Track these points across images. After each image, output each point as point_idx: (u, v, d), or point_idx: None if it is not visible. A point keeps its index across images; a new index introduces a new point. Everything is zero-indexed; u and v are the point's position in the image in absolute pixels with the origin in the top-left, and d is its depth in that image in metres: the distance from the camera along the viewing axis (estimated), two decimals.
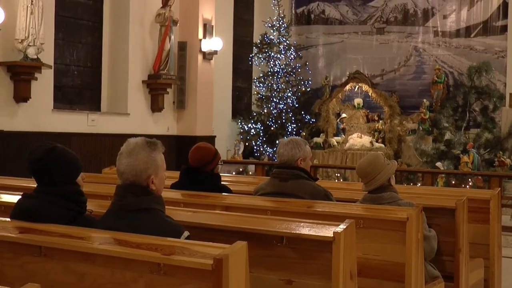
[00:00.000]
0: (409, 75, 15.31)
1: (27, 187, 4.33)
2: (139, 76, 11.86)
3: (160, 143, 3.19)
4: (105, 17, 11.72)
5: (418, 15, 15.29)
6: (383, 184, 4.49)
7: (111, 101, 11.75)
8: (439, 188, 9.90)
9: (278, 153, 4.80)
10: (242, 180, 7.39)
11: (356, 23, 15.95)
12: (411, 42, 15.33)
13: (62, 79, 11.02)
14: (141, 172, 3.07)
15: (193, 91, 12.54)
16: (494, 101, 13.79)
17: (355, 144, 14.09)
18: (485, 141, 13.14)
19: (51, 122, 10.16)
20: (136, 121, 11.67)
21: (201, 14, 12.57)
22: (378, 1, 15.69)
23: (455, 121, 13.87)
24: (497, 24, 14.43)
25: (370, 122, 14.81)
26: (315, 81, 15.68)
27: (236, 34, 14.94)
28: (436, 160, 12.86)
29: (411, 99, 14.91)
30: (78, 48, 11.39)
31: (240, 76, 15.38)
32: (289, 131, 14.42)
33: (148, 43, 11.98)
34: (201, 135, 12.23)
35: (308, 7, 16.35)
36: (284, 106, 14.57)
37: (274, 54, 14.81)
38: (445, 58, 14.94)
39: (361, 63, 15.66)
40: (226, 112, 14.46)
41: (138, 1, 11.74)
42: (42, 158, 3.19)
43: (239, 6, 15.18)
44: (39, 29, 9.41)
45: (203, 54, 12.62)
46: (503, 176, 11.35)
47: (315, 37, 16.28)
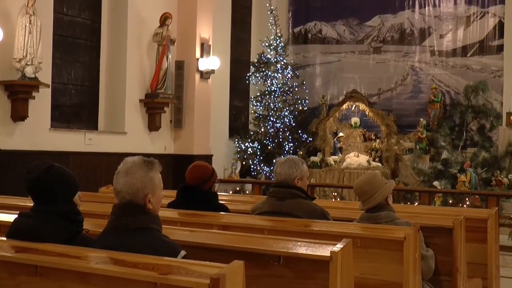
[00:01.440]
0: (406, 94, 15.34)
1: (24, 206, 4.32)
2: (137, 95, 11.88)
3: (157, 162, 3.19)
4: (103, 36, 11.76)
5: (414, 35, 15.36)
6: (380, 203, 4.49)
7: (108, 120, 11.75)
8: (437, 208, 9.89)
9: (275, 172, 4.80)
10: (239, 199, 7.38)
11: (353, 42, 16.01)
12: (408, 61, 15.38)
13: (60, 98, 11.03)
14: (138, 191, 3.06)
15: (190, 110, 12.56)
16: (491, 120, 13.81)
17: (352, 163, 14.08)
18: (482, 160, 13.14)
19: (48, 141, 10.15)
20: (133, 140, 11.67)
21: (198, 33, 12.62)
22: (375, 21, 15.77)
23: (452, 140, 13.88)
24: (493, 43, 14.50)
25: (367, 141, 14.81)
26: (312, 100, 15.71)
27: (234, 53, 14.98)
28: (433, 179, 12.85)
29: (408, 118, 14.92)
30: (76, 67, 11.41)
31: (237, 95, 15.41)
32: (286, 150, 14.42)
33: (146, 62, 12.01)
34: (198, 154, 12.23)
35: (305, 27, 16.42)
36: (281, 125, 14.58)
37: (271, 73, 14.85)
38: (441, 77, 14.99)
39: (358, 82, 15.69)
40: (223, 131, 14.47)
41: (135, 20, 11.79)
42: (39, 177, 3.18)
43: (236, 25, 15.24)
44: (37, 48, 9.44)
45: (200, 73, 12.65)
46: (501, 195, 11.35)
47: (312, 56, 16.33)
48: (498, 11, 14.43)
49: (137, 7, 11.83)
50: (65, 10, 11.14)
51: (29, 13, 9.35)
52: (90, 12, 11.62)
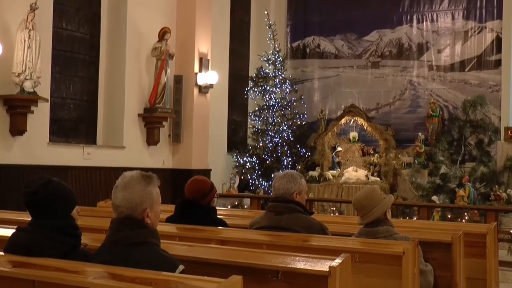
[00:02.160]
0: (404, 108, 15.36)
1: (22, 221, 4.31)
2: (135, 109, 11.89)
3: (155, 177, 3.19)
4: (102, 51, 11.78)
5: (412, 50, 15.40)
6: (379, 218, 4.48)
7: (107, 134, 11.75)
8: (435, 222, 9.88)
9: (274, 187, 4.80)
10: (237, 213, 7.37)
11: (351, 57, 16.05)
12: (406, 76, 15.41)
13: (58, 113, 11.04)
14: (136, 205, 3.06)
15: (189, 125, 12.57)
16: (489, 135, 13.83)
17: (350, 177, 14.08)
18: (480, 175, 13.13)
19: (46, 155, 10.14)
20: (131, 154, 11.67)
21: (197, 48, 12.65)
22: (373, 36, 15.82)
23: (450, 155, 13.88)
24: (491, 58, 14.54)
25: (365, 156, 14.81)
26: (311, 114, 15.73)
27: (232, 68, 15.01)
28: (432, 194, 12.84)
29: (407, 132, 14.93)
30: (75, 82, 11.43)
31: (236, 110, 15.43)
32: (285, 164, 14.41)
33: (144, 77, 12.03)
34: (196, 169, 12.23)
35: (303, 41, 16.47)
36: (279, 140, 14.59)
37: (269, 88, 14.88)
38: (440, 92, 15.01)
39: (356, 96, 15.72)
40: (222, 146, 14.47)
41: (134, 35, 11.83)
42: (37, 191, 3.18)
43: (235, 40, 15.28)
44: (36, 63, 9.46)
45: (199, 87, 12.68)
46: (500, 210, 11.34)
47: (311, 71, 16.37)
48: (496, 26, 14.49)
49: (136, 22, 11.86)
50: (64, 25, 11.17)
51: (28, 28, 9.38)
52: (89, 27, 11.66)
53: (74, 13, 11.38)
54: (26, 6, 9.42)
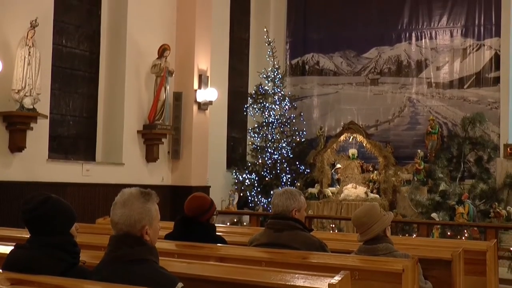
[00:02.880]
0: (403, 125, 15.38)
1: (20, 238, 4.30)
2: (134, 126, 11.90)
3: (154, 194, 3.19)
4: (101, 67, 11.82)
5: (411, 67, 15.45)
6: (378, 235, 4.47)
7: (106, 151, 11.75)
8: (435, 239, 9.85)
9: (273, 204, 4.79)
10: (236, 230, 7.36)
11: (351, 74, 16.09)
12: (405, 93, 15.44)
13: (58, 129, 11.05)
14: (135, 222, 3.05)
15: (188, 141, 12.57)
16: (489, 152, 13.83)
17: (350, 194, 14.06)
18: (480, 192, 13.11)
19: (45, 172, 10.13)
20: (130, 171, 11.65)
21: (196, 65, 12.69)
22: (372, 53, 15.87)
23: (449, 172, 13.88)
24: (490, 75, 14.58)
25: (364, 173, 14.81)
26: (310, 131, 15.74)
27: (231, 85, 15.04)
28: (432, 211, 12.81)
29: (406, 149, 14.94)
30: (74, 98, 11.45)
31: (235, 127, 15.44)
32: (284, 181, 14.40)
33: (144, 93, 12.05)
34: (195, 185, 12.21)
35: (302, 58, 16.52)
36: (278, 157, 14.59)
37: (269, 105, 14.90)
38: (439, 109, 15.04)
39: (356, 113, 15.74)
40: (221, 162, 14.47)
41: (134, 52, 11.86)
42: (36, 208, 3.18)
43: (234, 57, 15.33)
44: (36, 80, 9.48)
45: (198, 104, 12.70)
46: (499, 227, 11.31)
47: (310, 88, 16.40)
48: (494, 43, 14.55)
49: (136, 39, 11.91)
50: (64, 42, 11.21)
51: (28, 45, 9.41)
52: (89, 44, 11.70)
53: (74, 30, 11.43)
54: (26, 23, 9.46)
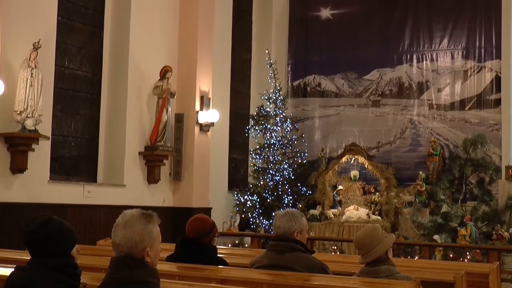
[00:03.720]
0: (405, 147, 15.38)
1: (21, 260, 4.28)
2: (136, 147, 11.91)
3: (156, 215, 3.18)
4: (103, 89, 11.85)
5: (413, 88, 15.48)
6: (380, 257, 4.45)
7: (108, 173, 11.75)
8: (437, 262, 9.81)
9: (274, 226, 4.78)
10: (238, 252, 7.34)
11: (352, 96, 16.12)
12: (407, 114, 15.46)
13: (59, 150, 11.05)
14: (136, 244, 3.04)
15: (190, 163, 12.57)
16: (490, 173, 13.82)
17: (351, 216, 14.02)
18: (482, 214, 13.08)
19: (47, 193, 10.12)
20: (132, 193, 11.64)
21: (198, 86, 12.73)
22: (373, 75, 15.91)
23: (451, 194, 13.86)
24: (491, 97, 14.61)
25: (366, 194, 14.77)
26: (312, 153, 15.73)
27: (233, 106, 15.07)
28: (434, 233, 12.77)
29: (407, 171, 14.92)
30: (76, 120, 11.47)
31: (237, 148, 15.45)
32: (286, 203, 14.37)
33: (145, 115, 12.08)
34: (197, 207, 12.19)
35: (304, 80, 16.56)
36: (280, 178, 14.57)
37: (270, 126, 14.91)
38: (440, 130, 15.05)
39: (357, 135, 15.75)
40: (223, 184, 14.45)
41: (136, 73, 11.90)
42: (37, 230, 3.17)
43: (236, 78, 15.38)
44: (38, 101, 9.50)
45: (200, 126, 12.72)
46: (502, 249, 11.26)
47: (311, 110, 16.43)
48: (495, 65, 14.60)
49: (138, 61, 11.95)
50: (66, 63, 11.26)
51: (31, 66, 9.45)
52: (91, 66, 11.75)
53: (77, 51, 11.48)
54: (29, 45, 9.50)
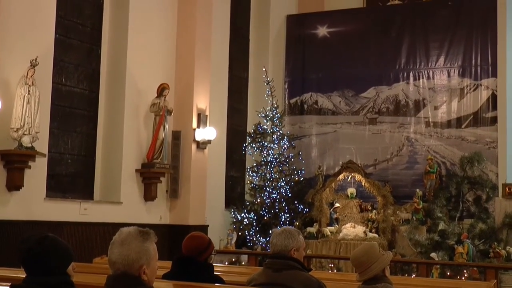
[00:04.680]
0: (402, 165, 15.38)
1: (16, 278, 4.26)
2: (133, 164, 11.89)
3: (152, 233, 3.17)
4: (101, 106, 11.86)
5: (409, 106, 15.52)
6: (377, 275, 4.44)
7: (104, 190, 11.72)
8: (434, 280, 9.80)
9: (271, 243, 4.77)
10: (235, 270, 7.31)
11: (349, 113, 16.15)
12: (403, 132, 15.48)
13: (56, 168, 11.03)
14: (133, 262, 3.03)
15: (187, 180, 12.56)
16: (487, 191, 13.82)
17: (348, 234, 13.99)
18: (479, 231, 13.07)
19: (43, 210, 10.08)
20: (128, 210, 11.61)
21: (195, 103, 12.75)
22: (370, 92, 15.95)
23: (448, 211, 13.85)
24: (487, 115, 14.65)
25: (363, 212, 14.76)
26: (308, 170, 15.73)
27: (230, 124, 15.08)
28: (431, 251, 12.75)
29: (404, 188, 14.91)
30: (73, 137, 11.46)
31: (234, 166, 15.44)
32: (282, 220, 14.34)
33: (142, 132, 12.08)
34: (194, 225, 12.16)
35: (301, 98, 16.59)
36: (277, 196, 14.55)
37: (267, 144, 14.92)
38: (437, 148, 15.07)
39: (354, 153, 15.76)
40: (219, 201, 14.42)
41: (133, 91, 11.92)
42: (33, 247, 3.16)
43: (233, 96, 15.40)
44: (35, 118, 9.50)
45: (197, 143, 12.72)
46: (499, 267, 11.25)
47: (308, 127, 16.44)
48: (491, 83, 14.66)
49: (135, 78, 11.98)
50: (63, 81, 11.27)
51: (28, 84, 9.45)
52: (88, 83, 11.76)
53: (74, 69, 11.50)
54: (26, 62, 9.51)
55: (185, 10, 12.99)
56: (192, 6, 12.98)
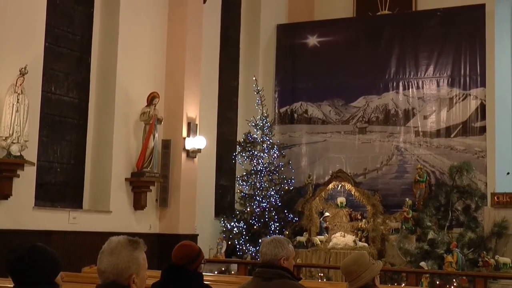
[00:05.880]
0: (392, 174, 15.41)
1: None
2: (122, 173, 11.86)
3: (142, 242, 3.16)
4: (90, 115, 11.83)
5: (399, 115, 15.56)
6: (367, 284, 4.44)
7: (93, 199, 11.68)
8: None
9: (261, 252, 4.76)
10: (224, 279, 7.30)
11: (339, 122, 16.18)
12: (393, 141, 15.52)
13: (45, 176, 10.98)
14: (122, 271, 3.02)
15: (176, 189, 12.53)
16: (476, 200, 13.87)
17: (338, 243, 13.99)
18: (468, 240, 13.11)
19: (31, 219, 10.04)
20: (118, 219, 11.57)
21: (185, 112, 12.74)
22: (360, 102, 15.99)
23: (438, 220, 13.88)
24: (476, 125, 14.71)
25: (353, 221, 14.76)
26: (298, 179, 15.73)
27: (220, 133, 15.07)
28: (420, 260, 12.77)
29: (394, 198, 14.94)
30: (62, 146, 11.42)
31: (224, 175, 15.42)
32: (272, 229, 14.32)
33: (132, 141, 12.05)
34: (183, 234, 12.14)
35: (291, 107, 16.61)
36: (267, 205, 14.54)
37: (257, 153, 14.91)
38: (426, 157, 15.11)
39: (344, 162, 15.78)
40: (209, 210, 14.40)
41: (123, 99, 11.90)
42: (21, 257, 3.13)
43: (223, 105, 15.40)
44: (24, 127, 9.47)
45: (186, 152, 12.71)
46: (488, 276, 11.29)
47: (298, 136, 16.46)
48: (480, 93, 14.73)
49: (125, 87, 11.96)
50: (53, 89, 11.24)
51: (17, 92, 9.43)
52: (78, 91, 11.73)
53: (64, 77, 11.48)
54: (15, 71, 9.49)
55: (176, 19, 13.01)
56: (182, 15, 12.99)
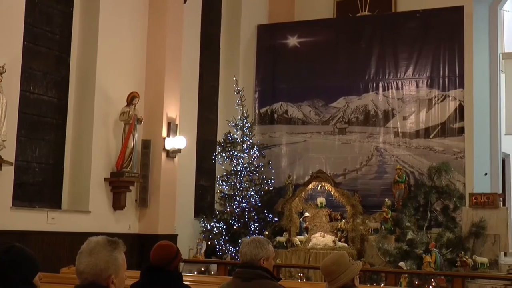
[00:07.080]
0: (371, 174, 15.48)
1: None
2: (102, 173, 11.80)
3: (121, 242, 3.15)
4: (69, 114, 11.75)
5: (379, 116, 15.64)
6: (347, 284, 4.46)
7: (72, 199, 11.60)
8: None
9: (241, 253, 4.76)
10: (204, 280, 7.29)
11: (319, 123, 16.22)
12: (373, 142, 15.59)
13: (23, 176, 10.88)
14: (101, 271, 3.01)
15: (156, 189, 12.49)
16: (454, 201, 13.98)
17: (318, 243, 14.03)
18: (446, 240, 13.20)
19: (9, 220, 9.94)
20: (97, 219, 11.50)
21: (165, 112, 12.70)
22: (340, 102, 16.05)
23: (417, 221, 13.96)
24: (455, 126, 14.83)
25: (333, 221, 14.81)
26: (278, 180, 15.75)
27: (200, 133, 15.05)
28: (399, 260, 12.84)
29: (373, 198, 15.01)
30: (41, 145, 11.32)
31: (204, 175, 15.39)
32: (252, 230, 14.33)
33: (112, 141, 11.99)
34: (163, 234, 12.09)
35: (271, 107, 16.62)
36: (247, 205, 14.54)
37: (237, 153, 14.91)
38: (405, 158, 15.20)
39: (324, 162, 15.83)
40: (189, 211, 14.36)
41: (102, 99, 11.84)
42: None
43: (203, 105, 15.38)
44: (2, 126, 9.39)
45: (166, 152, 12.67)
46: (466, 276, 11.38)
47: (278, 137, 16.48)
48: (458, 94, 14.85)
49: (105, 86, 11.90)
50: (32, 89, 11.14)
51: None
52: (57, 91, 11.65)
53: (42, 76, 11.38)
54: None
55: (156, 19, 12.96)
56: (162, 14, 12.95)
